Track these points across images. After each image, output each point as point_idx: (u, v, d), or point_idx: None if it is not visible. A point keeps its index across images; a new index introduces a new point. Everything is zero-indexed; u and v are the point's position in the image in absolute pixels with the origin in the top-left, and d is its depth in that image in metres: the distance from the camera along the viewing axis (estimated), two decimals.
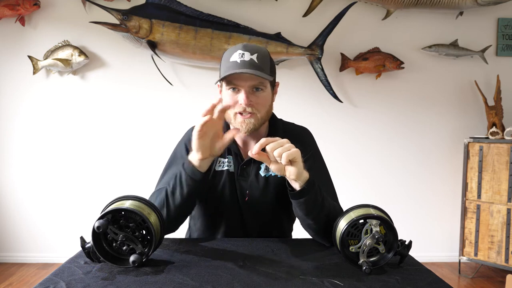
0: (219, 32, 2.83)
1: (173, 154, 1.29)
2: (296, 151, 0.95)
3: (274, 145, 0.94)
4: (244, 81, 1.11)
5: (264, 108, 1.16)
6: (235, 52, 1.12)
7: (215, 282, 0.84)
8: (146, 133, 2.98)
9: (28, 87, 2.95)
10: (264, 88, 1.15)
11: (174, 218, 1.12)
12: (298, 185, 1.01)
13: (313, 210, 1.05)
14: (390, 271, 0.92)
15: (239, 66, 1.10)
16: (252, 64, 1.10)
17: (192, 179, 1.06)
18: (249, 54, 1.11)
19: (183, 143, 1.28)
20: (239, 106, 1.13)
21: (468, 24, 3.01)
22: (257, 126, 1.16)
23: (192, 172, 1.06)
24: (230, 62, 1.12)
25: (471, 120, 3.08)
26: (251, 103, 1.12)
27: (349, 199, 1.50)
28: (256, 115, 1.14)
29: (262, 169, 1.22)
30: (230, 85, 1.13)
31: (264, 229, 1.26)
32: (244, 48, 1.12)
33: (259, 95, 1.14)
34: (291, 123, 1.34)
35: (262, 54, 1.13)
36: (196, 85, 2.97)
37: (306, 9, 2.94)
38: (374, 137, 3.07)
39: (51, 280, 0.84)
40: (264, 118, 1.18)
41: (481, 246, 2.75)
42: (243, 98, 1.11)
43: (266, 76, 1.11)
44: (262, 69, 1.11)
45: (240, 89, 1.12)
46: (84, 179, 3.00)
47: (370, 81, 3.03)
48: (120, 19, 2.76)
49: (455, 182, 3.07)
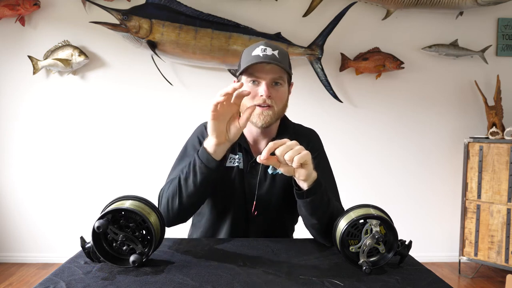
0: (219, 32, 2.83)
1: (184, 148, 1.29)
2: (307, 153, 0.95)
3: (284, 148, 0.93)
4: (266, 74, 1.14)
5: (281, 103, 1.19)
6: (257, 47, 1.16)
7: (215, 282, 0.84)
8: (146, 133, 2.98)
9: (28, 87, 2.95)
10: (283, 83, 1.18)
11: (186, 208, 1.12)
12: (306, 185, 1.01)
13: (318, 210, 1.05)
14: (390, 271, 0.92)
15: (262, 59, 1.13)
16: (274, 58, 1.14)
17: (206, 167, 1.06)
18: (271, 49, 1.15)
19: (195, 135, 1.28)
20: (258, 98, 1.15)
21: (468, 24, 3.01)
22: (273, 119, 1.18)
23: (207, 159, 1.05)
24: (252, 56, 1.14)
25: (471, 120, 3.08)
26: (271, 95, 1.15)
27: (349, 199, 1.50)
28: (273, 108, 1.17)
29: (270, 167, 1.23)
30: (252, 77, 1.16)
31: (267, 228, 1.26)
32: (266, 44, 1.16)
33: (278, 89, 1.17)
34: (300, 124, 1.36)
35: (282, 51, 1.18)
36: (196, 85, 2.97)
37: (306, 9, 2.94)
38: (374, 137, 3.07)
39: (51, 280, 0.84)
40: (280, 114, 1.21)
41: (481, 246, 2.75)
42: (264, 89, 1.14)
43: (287, 69, 1.16)
44: (283, 64, 1.15)
45: (260, 82, 1.15)
46: (84, 179, 3.00)
47: (370, 81, 3.03)
48: (120, 19, 2.76)
49: (455, 182, 3.07)
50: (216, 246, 1.09)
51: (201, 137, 1.26)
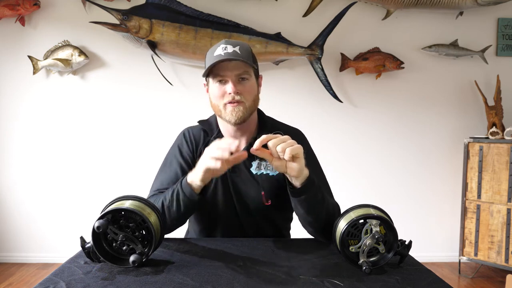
0: (219, 32, 2.83)
1: (166, 158, 1.32)
2: (299, 147, 0.98)
3: (276, 141, 0.97)
4: (230, 71, 1.16)
5: (251, 96, 1.20)
6: (218, 47, 1.17)
7: (215, 282, 0.84)
8: (146, 133, 2.98)
9: (28, 87, 2.95)
10: (249, 77, 1.19)
11: (170, 227, 1.15)
12: (299, 182, 1.03)
13: (313, 208, 1.07)
14: (390, 271, 0.92)
15: (224, 57, 1.14)
16: (235, 54, 1.15)
17: (189, 200, 1.09)
18: (231, 46, 1.16)
19: (176, 145, 1.31)
20: (227, 95, 1.17)
21: (468, 24, 3.01)
22: (246, 114, 1.19)
23: (190, 194, 1.08)
24: (214, 56, 1.16)
25: (471, 120, 3.08)
26: (239, 91, 1.16)
27: (349, 199, 1.50)
28: (244, 104, 1.18)
29: (253, 167, 1.24)
30: (217, 77, 1.17)
31: (259, 227, 1.27)
32: (226, 42, 1.18)
33: (245, 84, 1.18)
34: (283, 123, 1.35)
35: (244, 47, 1.19)
36: (196, 85, 2.97)
37: (306, 9, 2.94)
38: (374, 137, 3.07)
39: (51, 280, 0.84)
40: (252, 108, 1.21)
41: (481, 246, 2.75)
42: (231, 87, 1.16)
43: (250, 63, 1.16)
44: (245, 58, 1.16)
45: (227, 80, 1.17)
46: (84, 179, 3.00)
47: (370, 81, 3.03)
48: (120, 19, 2.76)
49: (455, 182, 3.07)
50: (216, 246, 1.09)
51: (181, 146, 1.29)
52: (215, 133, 1.27)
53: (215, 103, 1.20)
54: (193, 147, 1.28)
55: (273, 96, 2.91)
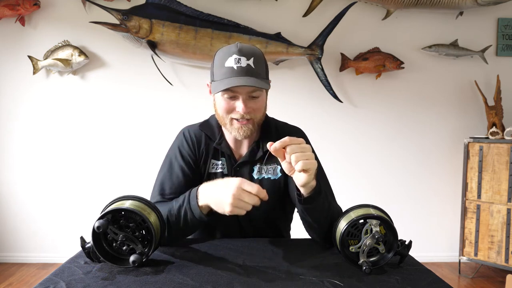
0: (219, 32, 2.83)
1: (167, 158, 1.27)
2: (313, 163, 0.92)
3: (295, 148, 0.91)
4: (242, 89, 1.09)
5: (261, 112, 1.17)
6: (229, 56, 1.09)
7: (215, 282, 0.84)
8: (146, 133, 2.98)
9: (28, 87, 2.95)
10: (261, 93, 1.13)
11: (175, 238, 1.10)
12: (305, 192, 1.00)
13: (319, 216, 1.05)
14: (390, 271, 0.92)
15: (236, 73, 1.07)
16: (249, 70, 1.08)
17: (198, 221, 1.05)
18: (245, 59, 1.08)
19: (176, 146, 1.27)
20: (236, 112, 1.12)
21: (468, 24, 3.01)
22: (253, 130, 1.16)
23: (200, 216, 1.03)
24: (226, 68, 1.09)
25: (471, 120, 3.08)
26: (249, 110, 1.12)
27: (349, 199, 1.50)
28: (253, 121, 1.14)
29: (255, 171, 1.23)
30: (227, 93, 1.11)
31: (260, 230, 1.26)
32: (239, 52, 1.09)
33: (257, 100, 1.13)
34: (285, 122, 1.34)
35: (257, 57, 1.11)
36: (196, 85, 2.97)
37: (306, 9, 2.94)
38: (374, 137, 3.07)
39: (51, 280, 0.84)
40: (260, 121, 1.19)
41: (481, 246, 2.75)
42: (241, 106, 1.10)
43: (265, 85, 1.10)
44: (259, 75, 1.10)
45: (237, 96, 1.11)
46: (84, 179, 3.00)
47: (370, 81, 3.03)
48: (120, 19, 2.76)
49: (455, 182, 3.07)
50: (216, 246, 1.09)
51: (182, 147, 1.24)
52: (217, 138, 1.23)
53: (221, 114, 1.15)
54: (194, 148, 1.23)
55: (273, 96, 2.88)
